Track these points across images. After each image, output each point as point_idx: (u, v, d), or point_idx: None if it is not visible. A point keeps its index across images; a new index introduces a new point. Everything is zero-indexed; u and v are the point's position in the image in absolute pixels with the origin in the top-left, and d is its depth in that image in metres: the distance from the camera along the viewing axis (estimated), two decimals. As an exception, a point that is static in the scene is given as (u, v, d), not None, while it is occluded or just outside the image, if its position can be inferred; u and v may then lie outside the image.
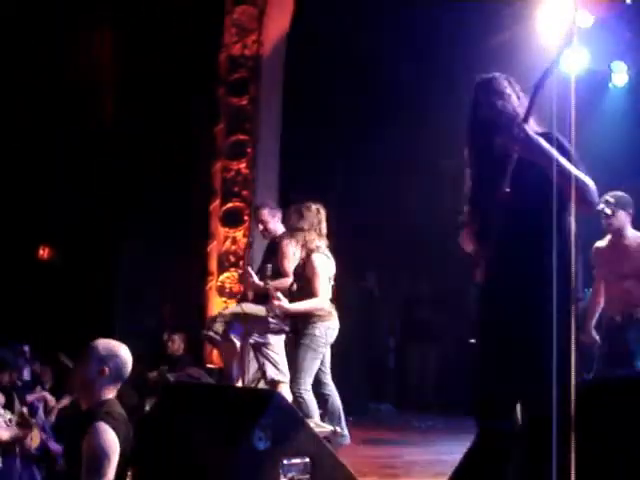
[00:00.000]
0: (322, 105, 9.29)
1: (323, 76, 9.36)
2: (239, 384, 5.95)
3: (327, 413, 5.69)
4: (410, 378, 10.06)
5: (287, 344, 6.09)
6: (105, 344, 3.49)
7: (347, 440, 5.69)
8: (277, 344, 6.11)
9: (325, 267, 5.71)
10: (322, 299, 5.62)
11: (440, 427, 7.94)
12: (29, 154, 9.20)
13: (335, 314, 5.78)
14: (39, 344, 7.36)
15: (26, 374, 7.20)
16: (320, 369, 5.76)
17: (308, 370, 5.56)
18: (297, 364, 5.55)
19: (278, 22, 9.16)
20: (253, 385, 6.35)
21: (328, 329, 5.69)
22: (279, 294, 5.59)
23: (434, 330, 9.98)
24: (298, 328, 5.70)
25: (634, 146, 8.37)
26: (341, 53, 9.36)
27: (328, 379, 5.83)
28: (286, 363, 6.08)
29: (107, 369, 3.41)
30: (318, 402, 5.65)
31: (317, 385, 5.74)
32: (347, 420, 6.69)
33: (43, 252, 9.47)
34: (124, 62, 9.44)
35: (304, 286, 5.68)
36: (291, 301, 5.65)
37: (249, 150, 9.07)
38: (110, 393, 3.44)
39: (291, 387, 5.61)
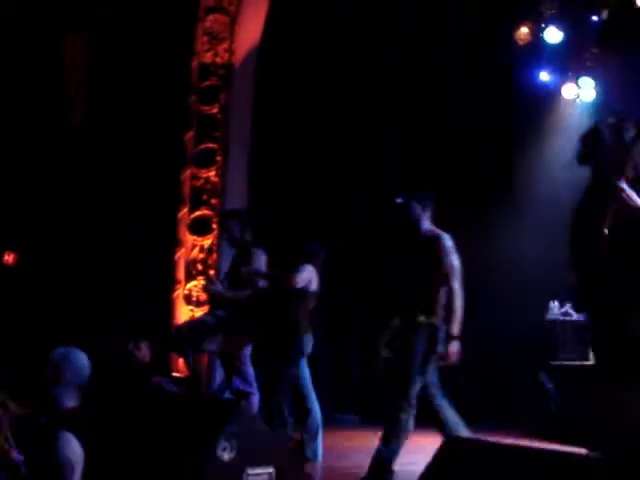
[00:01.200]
0: (294, 114, 9.31)
1: (295, 85, 9.38)
2: (204, 393, 5.94)
3: (306, 426, 5.74)
4: (375, 389, 10.08)
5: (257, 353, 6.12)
6: (61, 351, 3.49)
7: (319, 457, 5.73)
8: (244, 354, 6.12)
9: (310, 277, 5.97)
10: (293, 280, 5.81)
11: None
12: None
13: (310, 331, 5.90)
14: (1, 349, 7.27)
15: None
16: (301, 383, 5.84)
17: (286, 379, 5.64)
18: (276, 373, 5.61)
19: (250, 31, 9.18)
20: (218, 394, 6.33)
21: (307, 341, 5.80)
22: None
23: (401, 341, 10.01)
24: (279, 339, 5.77)
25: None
26: (313, 61, 9.39)
27: (311, 393, 5.89)
28: (252, 373, 6.08)
29: (63, 376, 3.42)
30: (299, 415, 5.71)
31: (300, 398, 5.80)
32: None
33: (8, 257, 9.36)
34: (95, 66, 9.39)
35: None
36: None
37: (219, 158, 9.06)
38: (71, 401, 3.43)
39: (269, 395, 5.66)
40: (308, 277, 5.92)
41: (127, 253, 8.84)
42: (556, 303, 8.42)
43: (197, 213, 9.01)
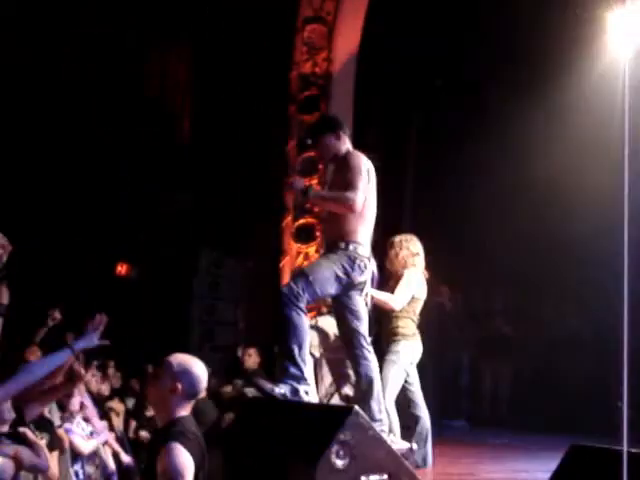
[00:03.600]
0: (394, 120, 9.32)
1: (393, 92, 9.38)
2: (313, 400, 5.96)
3: (415, 433, 5.70)
4: (484, 394, 9.96)
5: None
6: (179, 360, 3.38)
7: (429, 463, 5.68)
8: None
9: (413, 285, 5.79)
10: (397, 301, 5.67)
11: (515, 444, 7.84)
12: (108, 172, 9.44)
13: (419, 337, 5.81)
14: (121, 359, 7.53)
15: (105, 389, 7.36)
16: (410, 389, 5.79)
17: (392, 385, 5.59)
18: (381, 379, 5.54)
19: (348, 40, 9.24)
20: (326, 400, 6.36)
21: (412, 349, 5.74)
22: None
23: (508, 346, 9.88)
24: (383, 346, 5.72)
25: None
26: (411, 68, 9.37)
27: (420, 400, 5.84)
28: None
29: (180, 386, 3.30)
30: (408, 421, 5.67)
31: (409, 405, 5.77)
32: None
33: (121, 269, 9.69)
34: (200, 81, 9.64)
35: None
36: None
37: (320, 167, 9.14)
38: (184, 410, 3.34)
39: None
40: (410, 290, 5.80)
41: (233, 261, 9.01)
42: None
43: (301, 221, 9.12)
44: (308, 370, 4.86)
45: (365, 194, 4.70)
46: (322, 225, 5.02)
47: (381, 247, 6.19)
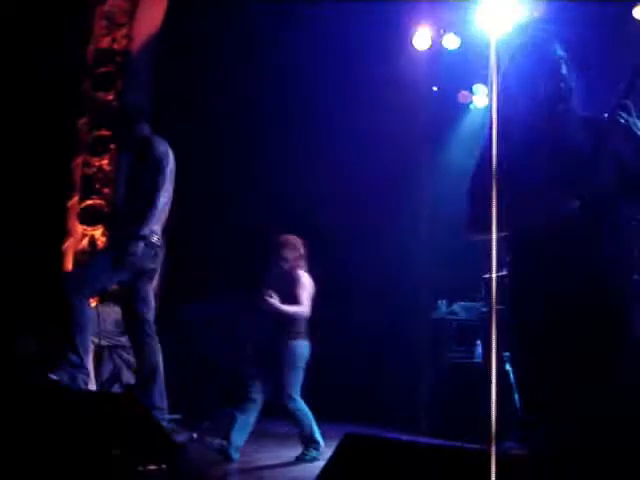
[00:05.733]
0: (192, 105, 9.20)
1: (193, 74, 9.26)
2: (92, 387, 5.80)
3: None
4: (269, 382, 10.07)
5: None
6: None
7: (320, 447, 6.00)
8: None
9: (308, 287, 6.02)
10: (306, 307, 5.91)
11: (293, 433, 8.00)
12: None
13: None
14: None
15: None
16: None
17: (294, 382, 5.84)
18: (283, 378, 5.71)
19: (150, 18, 9.01)
20: (106, 388, 6.21)
21: (306, 347, 5.93)
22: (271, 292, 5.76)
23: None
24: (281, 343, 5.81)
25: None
26: (212, 50, 9.31)
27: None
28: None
29: None
30: None
31: None
32: (203, 426, 6.67)
33: None
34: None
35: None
36: None
37: (112, 146, 8.84)
38: None
39: (281, 401, 5.91)
40: (309, 292, 5.96)
41: (15, 241, 8.55)
42: (444, 302, 8.62)
43: (88, 202, 8.78)
44: (88, 359, 4.80)
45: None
46: (113, 211, 5.00)
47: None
